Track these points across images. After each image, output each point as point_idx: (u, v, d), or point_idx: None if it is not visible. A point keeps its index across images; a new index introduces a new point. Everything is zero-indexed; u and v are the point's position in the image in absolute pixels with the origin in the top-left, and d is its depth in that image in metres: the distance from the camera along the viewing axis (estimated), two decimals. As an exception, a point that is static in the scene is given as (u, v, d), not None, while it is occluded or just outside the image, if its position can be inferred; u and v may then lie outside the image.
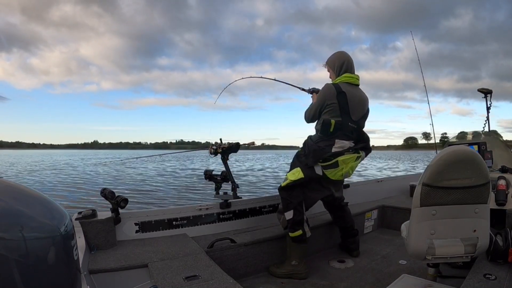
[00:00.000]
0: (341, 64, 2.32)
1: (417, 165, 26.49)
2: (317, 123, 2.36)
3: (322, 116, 2.27)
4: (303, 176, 2.21)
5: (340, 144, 2.21)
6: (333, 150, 2.19)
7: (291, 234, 2.27)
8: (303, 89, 2.69)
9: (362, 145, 2.34)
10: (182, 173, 17.43)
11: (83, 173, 17.95)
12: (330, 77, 2.42)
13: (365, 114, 2.38)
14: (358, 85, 2.36)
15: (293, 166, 2.32)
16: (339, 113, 2.22)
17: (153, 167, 22.21)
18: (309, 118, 2.38)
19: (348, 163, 2.25)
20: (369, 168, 21.41)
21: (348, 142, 2.25)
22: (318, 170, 2.24)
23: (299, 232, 2.26)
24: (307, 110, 2.41)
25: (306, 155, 2.25)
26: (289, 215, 2.26)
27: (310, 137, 2.36)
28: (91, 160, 36.26)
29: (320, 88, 2.36)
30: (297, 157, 2.34)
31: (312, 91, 2.58)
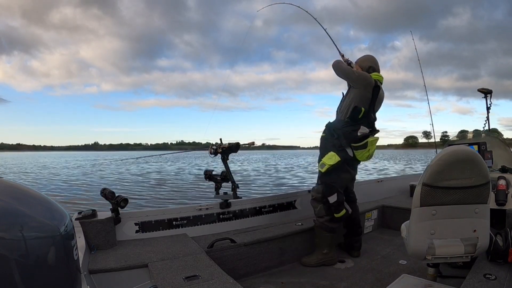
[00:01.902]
0: (371, 65, 2.53)
1: (413, 167, 23.77)
2: (342, 110, 2.48)
3: (353, 100, 2.39)
4: (340, 159, 2.37)
5: (363, 131, 2.37)
6: (359, 134, 2.36)
7: (336, 215, 2.43)
8: (342, 55, 2.69)
9: (374, 132, 2.51)
10: (182, 173, 17.39)
11: (83, 173, 17.90)
12: None
13: (378, 111, 2.57)
14: (382, 84, 2.54)
15: (324, 151, 2.45)
16: (368, 103, 2.40)
17: (154, 167, 22.18)
18: (339, 70, 2.49)
19: (373, 145, 2.43)
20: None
21: (367, 129, 2.41)
22: (350, 151, 2.41)
23: (344, 211, 2.45)
24: (344, 66, 2.49)
25: (337, 138, 2.40)
26: (333, 198, 2.41)
27: (331, 123, 2.51)
28: (72, 163, 34.96)
29: (354, 62, 2.58)
30: (325, 141, 2.48)
31: (349, 63, 2.65)
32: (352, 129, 2.37)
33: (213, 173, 2.82)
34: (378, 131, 2.52)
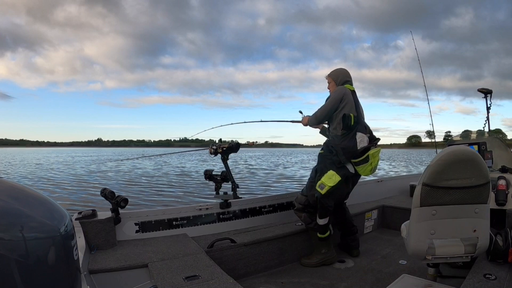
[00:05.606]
0: (346, 79, 2.53)
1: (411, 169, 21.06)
2: (332, 123, 2.44)
3: (339, 112, 2.36)
4: (340, 179, 2.28)
5: (360, 138, 2.29)
6: (359, 146, 2.27)
7: (320, 235, 2.42)
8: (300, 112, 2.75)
9: (376, 141, 2.44)
10: (182, 172, 17.34)
11: (83, 173, 17.87)
12: (329, 88, 2.57)
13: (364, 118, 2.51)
14: None
15: (323, 169, 2.36)
16: (355, 108, 2.36)
17: (154, 166, 22.16)
18: (322, 117, 2.46)
19: (375, 157, 2.34)
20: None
21: (365, 135, 2.34)
22: (350, 168, 2.33)
23: (328, 233, 2.45)
24: (319, 111, 2.46)
25: (336, 154, 2.32)
26: (325, 221, 2.39)
27: (329, 140, 2.46)
28: (42, 160, 33.07)
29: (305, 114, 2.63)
30: (324, 158, 2.40)
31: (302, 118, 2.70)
32: (350, 144, 2.27)
33: (213, 173, 2.82)
34: (378, 139, 2.45)
